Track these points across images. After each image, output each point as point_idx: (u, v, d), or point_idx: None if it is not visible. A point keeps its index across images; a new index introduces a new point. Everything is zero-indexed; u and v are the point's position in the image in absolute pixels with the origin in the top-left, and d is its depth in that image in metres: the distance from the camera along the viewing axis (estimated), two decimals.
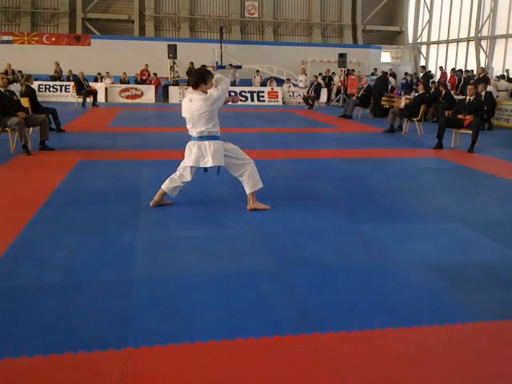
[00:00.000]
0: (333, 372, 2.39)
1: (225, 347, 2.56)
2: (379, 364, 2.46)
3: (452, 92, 15.82)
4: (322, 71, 22.46)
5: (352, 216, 4.95)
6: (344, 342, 2.64)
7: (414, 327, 2.79)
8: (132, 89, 20.20)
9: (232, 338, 2.63)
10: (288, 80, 21.58)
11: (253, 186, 4.90)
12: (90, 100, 17.42)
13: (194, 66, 21.40)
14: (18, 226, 4.36)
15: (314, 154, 8.69)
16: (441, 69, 22.45)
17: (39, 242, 4.04)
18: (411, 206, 5.40)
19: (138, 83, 20.96)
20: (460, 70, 20.64)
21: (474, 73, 19.36)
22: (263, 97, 20.49)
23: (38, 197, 5.33)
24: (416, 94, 12.74)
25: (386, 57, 29.28)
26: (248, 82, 22.02)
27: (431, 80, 19.47)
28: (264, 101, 20.39)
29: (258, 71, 22.53)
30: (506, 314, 2.97)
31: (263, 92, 20.67)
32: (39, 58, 21.67)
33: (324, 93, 20.62)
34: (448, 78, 20.22)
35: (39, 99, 10.82)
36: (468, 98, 9.53)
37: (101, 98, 18.85)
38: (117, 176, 6.56)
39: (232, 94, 17.88)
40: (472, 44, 25.36)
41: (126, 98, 19.92)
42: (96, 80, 20.08)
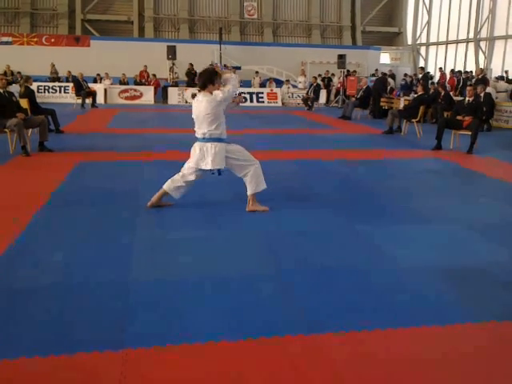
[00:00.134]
0: (331, 373, 2.39)
1: (223, 348, 2.56)
2: (378, 365, 2.45)
3: (451, 93, 15.83)
4: (321, 72, 22.45)
5: (351, 217, 4.95)
6: (342, 343, 2.63)
7: (413, 328, 2.79)
8: (131, 90, 20.19)
9: (230, 339, 2.62)
10: (287, 81, 21.60)
11: (254, 188, 4.91)
12: (89, 101, 17.40)
13: (193, 67, 21.44)
14: (16, 227, 4.35)
15: (313, 155, 8.69)
16: (440, 70, 22.44)
17: (37, 243, 4.04)
18: (410, 207, 5.40)
19: (137, 84, 20.96)
20: (459, 71, 20.65)
21: (473, 74, 19.36)
22: (262, 98, 20.50)
23: (37, 198, 5.32)
24: (415, 95, 12.75)
25: (385, 58, 29.31)
26: (247, 83, 22.03)
27: (430, 81, 19.48)
28: (263, 102, 20.39)
29: (257, 72, 22.53)
30: (505, 315, 2.97)
31: (262, 93, 20.68)
32: (38, 59, 21.65)
33: (323, 94, 20.65)
34: (447, 79, 20.23)
35: (38, 100, 10.81)
36: (467, 99, 9.54)
37: (100, 99, 18.83)
38: (116, 177, 6.56)
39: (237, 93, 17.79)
40: (471, 45, 25.40)
41: (125, 99, 19.92)
42: (95, 81, 20.06)
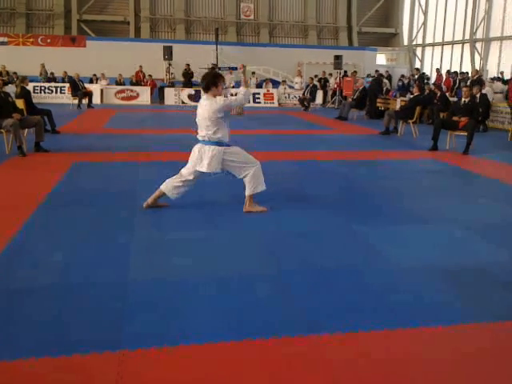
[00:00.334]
0: (328, 374, 2.38)
1: (221, 349, 2.55)
2: (376, 365, 2.45)
3: (447, 94, 15.86)
4: (317, 73, 22.48)
5: (349, 217, 4.95)
6: (340, 344, 2.63)
7: (411, 328, 2.80)
8: (127, 90, 20.16)
9: (228, 340, 2.62)
10: (284, 82, 21.61)
11: (253, 189, 4.92)
12: (85, 101, 17.37)
13: (190, 67, 21.42)
14: (12, 228, 4.33)
15: (309, 155, 8.69)
16: (437, 71, 22.47)
17: (34, 243, 4.02)
18: (408, 207, 5.41)
19: (134, 85, 20.92)
20: (455, 72, 20.69)
21: (469, 75, 19.41)
22: (259, 98, 20.49)
23: (33, 198, 5.30)
24: (411, 96, 12.78)
25: (381, 59, 29.37)
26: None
27: (426, 81, 19.50)
28: (260, 102, 20.39)
29: (253, 73, 22.52)
30: (504, 315, 2.98)
31: (259, 94, 20.67)
32: (34, 60, 21.58)
33: (320, 94, 20.67)
34: (443, 80, 20.27)
35: (34, 100, 10.78)
36: (463, 99, 9.57)
37: (96, 100, 18.78)
38: (112, 178, 6.55)
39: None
40: (467, 46, 25.46)
41: (122, 99, 19.88)
42: (91, 81, 20.03)
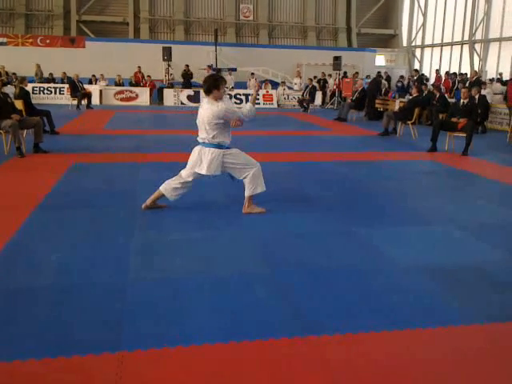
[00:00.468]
0: (327, 375, 2.39)
1: (219, 350, 2.55)
2: (375, 366, 2.46)
3: (446, 95, 15.88)
4: (316, 74, 22.49)
5: (347, 218, 4.96)
6: (338, 345, 2.64)
7: (410, 329, 2.80)
8: (127, 91, 20.15)
9: (227, 341, 2.62)
10: (283, 83, 21.62)
11: (252, 190, 4.92)
12: (84, 102, 17.37)
13: (189, 68, 21.43)
14: (11, 229, 4.33)
15: (308, 156, 8.70)
16: (436, 72, 22.49)
17: (33, 244, 4.02)
18: (405, 208, 5.41)
19: (133, 86, 20.92)
20: (454, 73, 20.71)
21: (468, 76, 19.44)
22: (258, 99, 20.49)
23: (32, 199, 5.30)
24: (410, 97, 12.79)
25: (380, 60, 29.38)
26: (243, 85, 22.03)
27: (424, 82, 19.50)
28: (259, 103, 20.40)
29: (252, 74, 22.54)
30: (499, 316, 2.98)
31: (258, 95, 20.65)
32: (33, 60, 21.58)
33: (319, 95, 20.68)
34: (442, 81, 20.28)
35: (33, 101, 10.78)
36: (462, 101, 9.59)
37: (95, 101, 18.77)
38: (112, 178, 6.54)
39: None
40: (466, 47, 25.48)
41: (121, 100, 19.88)
42: (90, 82, 20.02)
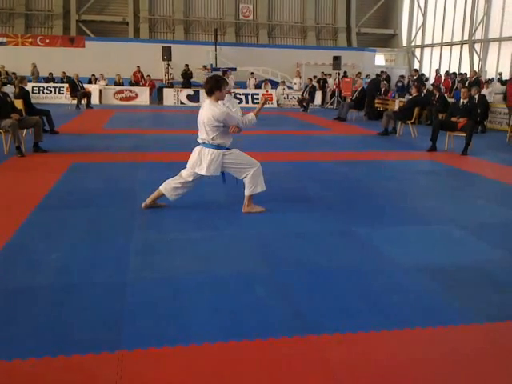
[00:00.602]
0: (327, 374, 2.39)
1: (219, 350, 2.55)
2: (373, 366, 2.46)
3: (446, 95, 15.88)
4: (316, 74, 22.48)
5: (346, 218, 4.96)
6: (338, 345, 2.64)
7: (408, 329, 2.80)
8: (126, 91, 20.15)
9: (226, 341, 2.62)
10: (283, 82, 21.62)
11: (252, 190, 4.92)
12: (84, 102, 17.36)
13: (188, 67, 21.43)
14: (10, 228, 4.33)
15: (308, 156, 8.70)
16: (436, 72, 22.48)
17: (32, 244, 4.02)
18: (405, 208, 5.42)
19: (133, 85, 20.92)
20: (454, 73, 20.71)
21: (468, 76, 19.43)
22: (258, 99, 20.48)
23: (32, 199, 5.30)
24: (410, 97, 12.79)
25: (380, 59, 29.39)
26: (242, 85, 22.04)
27: (424, 81, 19.48)
28: (259, 103, 20.36)
29: (252, 73, 22.54)
30: (499, 316, 2.99)
31: (258, 94, 20.67)
32: (33, 60, 21.57)
33: (318, 95, 20.68)
34: (442, 81, 20.28)
35: (33, 101, 10.78)
36: (461, 100, 9.59)
37: (95, 100, 18.78)
38: (111, 178, 6.54)
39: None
40: (466, 47, 25.49)
41: (121, 99, 19.87)
42: (90, 82, 20.01)
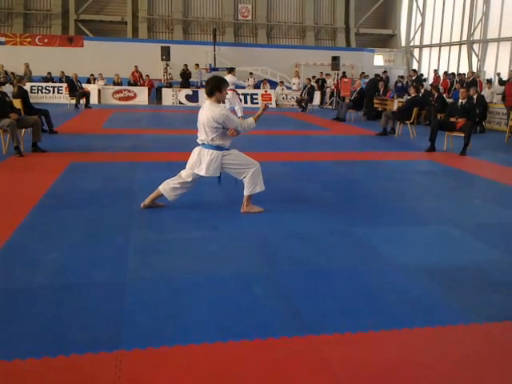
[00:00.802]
0: (327, 374, 2.39)
1: (218, 349, 2.55)
2: (373, 366, 2.46)
3: (444, 95, 15.90)
4: (315, 74, 22.48)
5: (345, 218, 4.96)
6: (338, 344, 2.64)
7: (407, 329, 2.80)
8: (125, 90, 20.14)
9: (225, 340, 2.62)
10: (281, 82, 21.63)
11: (251, 190, 4.92)
12: (82, 102, 17.35)
13: (187, 67, 21.43)
14: (9, 228, 4.32)
15: (307, 156, 8.70)
16: (435, 72, 22.49)
17: (31, 244, 4.01)
18: (404, 208, 5.42)
19: (132, 85, 20.91)
20: (452, 74, 20.72)
21: (466, 76, 19.44)
22: (256, 99, 20.50)
23: (30, 198, 5.30)
24: (408, 97, 12.81)
25: (378, 60, 29.40)
26: (241, 85, 22.05)
27: (423, 82, 19.50)
28: (257, 103, 20.38)
29: (251, 73, 22.55)
30: (497, 316, 2.99)
31: (256, 94, 20.69)
32: (32, 60, 21.55)
33: (317, 95, 20.69)
34: (441, 81, 20.28)
35: (32, 100, 10.76)
36: (460, 100, 9.60)
37: (94, 100, 18.75)
38: (110, 178, 6.54)
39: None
40: (464, 47, 25.50)
41: (119, 99, 19.87)
42: (89, 81, 20.00)
